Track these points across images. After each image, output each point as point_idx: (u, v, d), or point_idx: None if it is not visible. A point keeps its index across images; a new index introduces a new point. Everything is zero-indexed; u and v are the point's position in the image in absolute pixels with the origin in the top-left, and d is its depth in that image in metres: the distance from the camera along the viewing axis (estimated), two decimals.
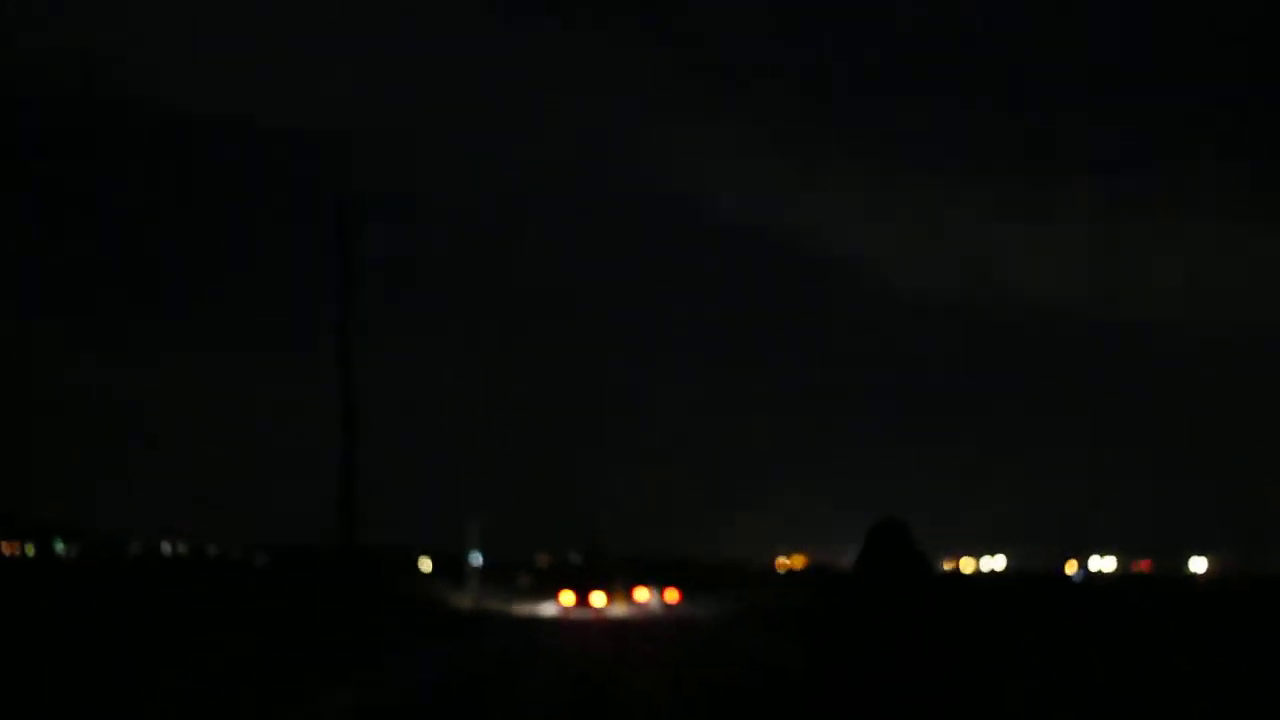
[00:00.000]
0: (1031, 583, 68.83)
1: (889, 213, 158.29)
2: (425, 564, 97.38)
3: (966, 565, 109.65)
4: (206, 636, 26.87)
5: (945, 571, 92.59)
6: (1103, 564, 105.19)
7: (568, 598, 65.09)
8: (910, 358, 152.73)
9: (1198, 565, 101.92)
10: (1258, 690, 15.99)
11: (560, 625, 44.35)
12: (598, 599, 64.65)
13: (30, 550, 75.99)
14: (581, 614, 56.34)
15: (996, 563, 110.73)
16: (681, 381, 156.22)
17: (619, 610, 60.95)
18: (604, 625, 44.16)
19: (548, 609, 60.06)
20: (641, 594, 70.87)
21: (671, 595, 70.74)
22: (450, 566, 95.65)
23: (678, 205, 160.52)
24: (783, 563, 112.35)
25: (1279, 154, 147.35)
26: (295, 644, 26.36)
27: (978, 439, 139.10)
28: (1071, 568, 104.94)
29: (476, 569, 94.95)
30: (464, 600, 61.28)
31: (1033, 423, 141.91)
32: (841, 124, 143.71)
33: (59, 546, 79.57)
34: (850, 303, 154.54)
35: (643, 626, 43.37)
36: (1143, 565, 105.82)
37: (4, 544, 74.49)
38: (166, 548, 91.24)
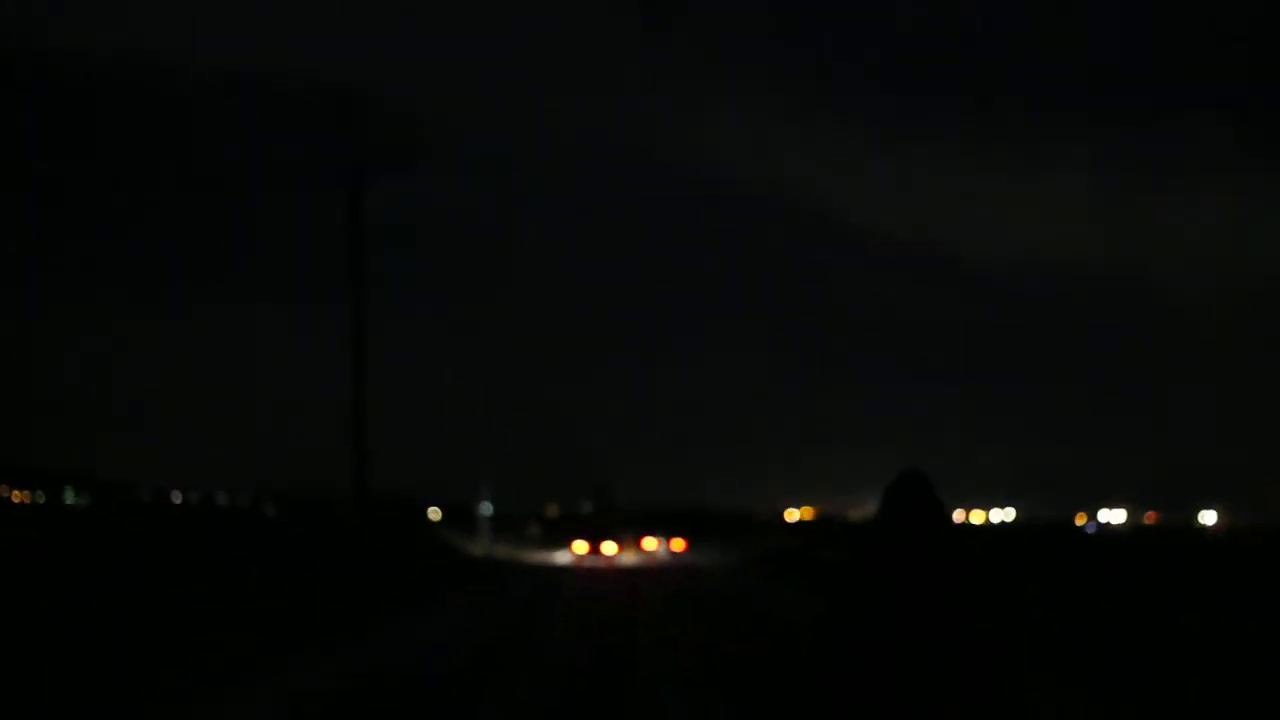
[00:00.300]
0: (1042, 534, 68.83)
1: (896, 181, 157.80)
2: (435, 514, 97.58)
3: (976, 517, 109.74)
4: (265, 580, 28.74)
5: (962, 524, 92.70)
6: (1112, 516, 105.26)
7: (580, 546, 66.74)
8: (923, 317, 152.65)
9: (1207, 518, 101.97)
10: (1264, 648, 15.91)
11: (576, 572, 45.86)
12: (608, 548, 66.29)
13: (41, 498, 76.25)
14: (594, 562, 57.49)
15: (1006, 514, 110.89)
16: (691, 334, 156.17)
17: (629, 558, 62.01)
18: (615, 572, 45.59)
19: (560, 557, 61.21)
20: (650, 543, 72.17)
21: (678, 544, 71.97)
22: (459, 517, 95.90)
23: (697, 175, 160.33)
24: (791, 514, 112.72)
25: None
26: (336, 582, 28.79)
27: (988, 393, 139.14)
28: (1081, 519, 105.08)
29: (487, 519, 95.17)
30: (477, 550, 62.52)
31: (1042, 376, 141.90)
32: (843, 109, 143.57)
33: (69, 496, 79.80)
34: (860, 265, 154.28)
35: (652, 573, 44.81)
36: (1150, 517, 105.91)
37: (15, 492, 74.74)
38: (177, 496, 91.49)
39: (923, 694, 5.10)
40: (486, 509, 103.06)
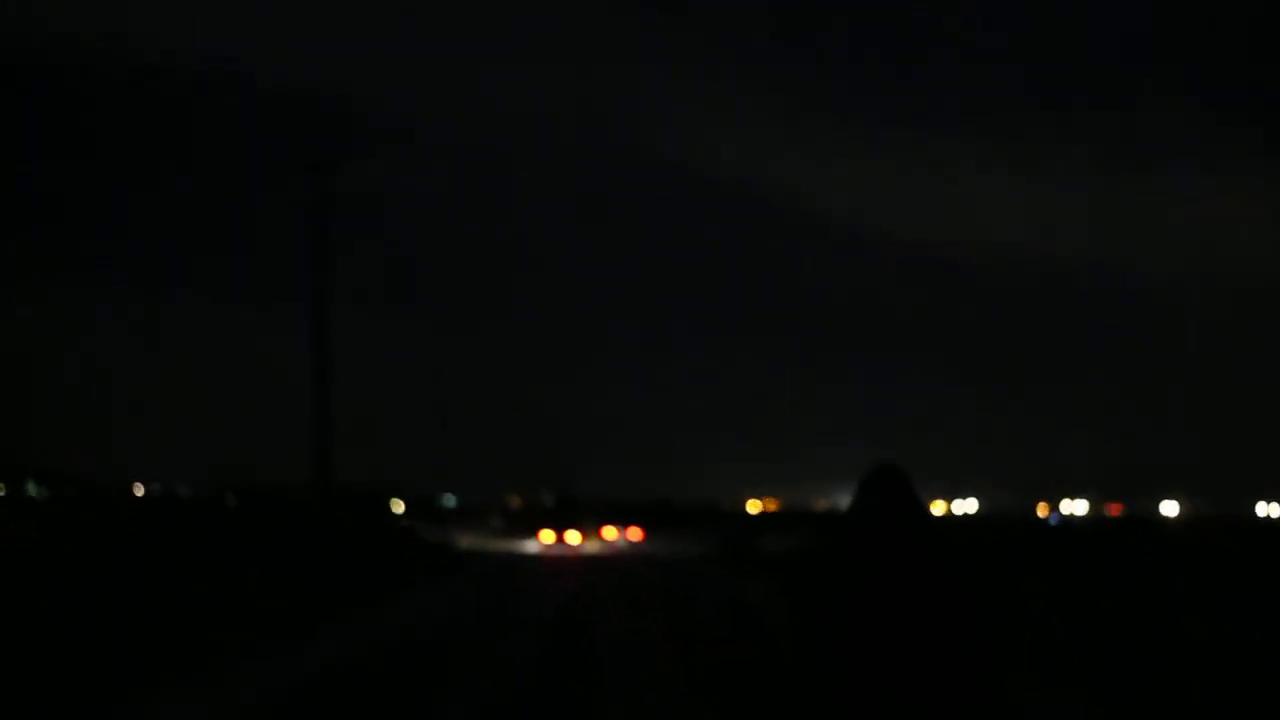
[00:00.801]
0: (1007, 526, 69.08)
1: (871, 166, 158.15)
2: (398, 505, 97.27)
3: (938, 508, 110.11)
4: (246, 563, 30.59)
5: (941, 518, 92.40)
6: (1074, 507, 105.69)
7: (547, 536, 68.71)
8: (884, 306, 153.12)
9: (1169, 508, 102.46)
10: (1236, 634, 15.90)
11: (542, 560, 48.95)
12: (573, 537, 68.81)
13: (1, 490, 75.64)
14: (559, 551, 60.31)
15: (968, 505, 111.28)
16: (655, 326, 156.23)
17: (591, 547, 64.74)
18: (580, 560, 49.31)
19: (526, 547, 63.05)
20: (610, 533, 74.69)
21: (634, 534, 74.93)
22: (422, 508, 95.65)
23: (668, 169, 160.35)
24: (755, 505, 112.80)
25: None
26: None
27: (951, 385, 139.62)
28: (1043, 510, 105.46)
29: (450, 510, 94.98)
30: (443, 539, 63.81)
31: (1005, 369, 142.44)
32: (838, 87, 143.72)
33: (31, 488, 79.18)
34: (821, 252, 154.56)
35: (612, 560, 49.31)
36: (1113, 509, 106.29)
37: None
38: (139, 489, 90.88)
39: (901, 693, 4.93)
40: (449, 501, 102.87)
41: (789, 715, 9.73)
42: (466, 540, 66.53)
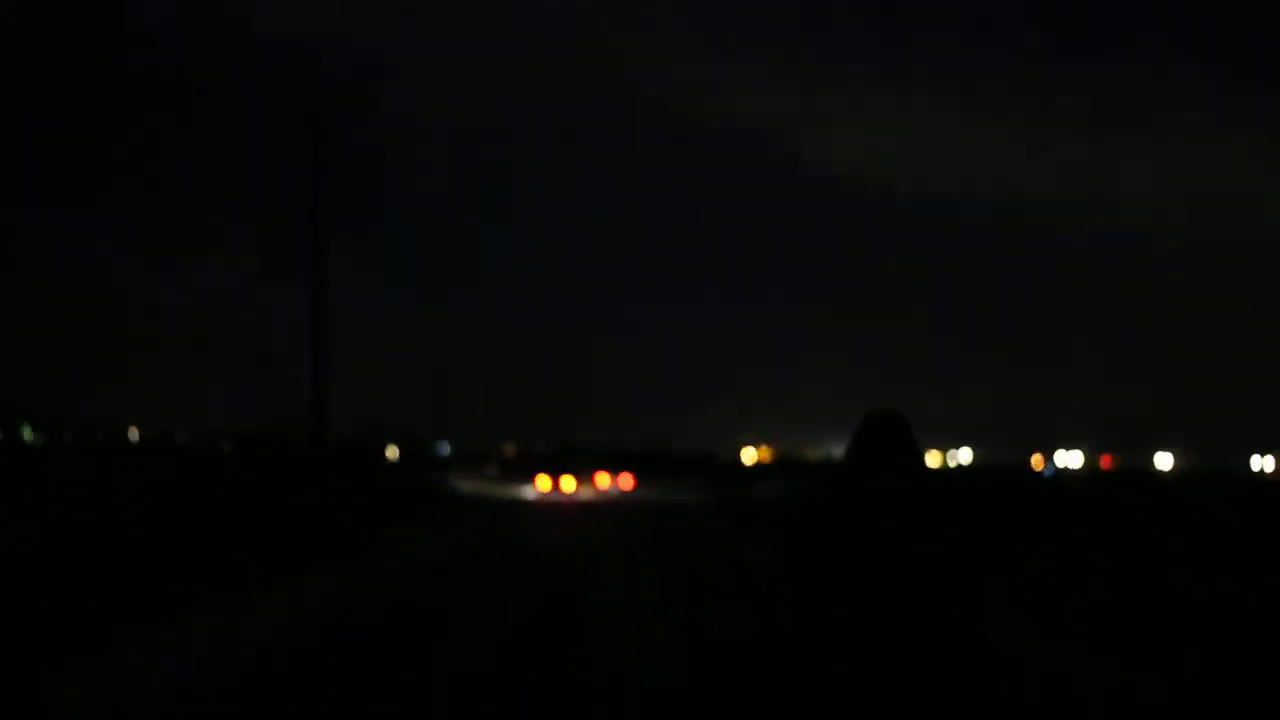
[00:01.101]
0: (1002, 478, 69.11)
1: (866, 113, 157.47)
2: (392, 452, 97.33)
3: (933, 459, 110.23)
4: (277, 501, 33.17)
5: (938, 469, 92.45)
6: (1069, 459, 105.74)
7: (544, 482, 70.35)
8: (883, 254, 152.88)
9: (1163, 461, 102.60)
10: (1228, 590, 15.88)
11: (539, 505, 51.20)
12: (568, 484, 70.43)
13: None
14: (555, 497, 62.38)
15: (963, 456, 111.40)
16: (649, 272, 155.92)
17: (586, 494, 66.80)
18: (575, 505, 51.96)
19: (521, 493, 64.69)
20: (603, 480, 76.20)
21: (626, 482, 76.50)
22: (416, 456, 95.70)
23: (650, 108, 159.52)
24: (749, 454, 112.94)
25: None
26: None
27: (946, 332, 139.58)
28: (1038, 462, 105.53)
29: (444, 459, 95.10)
30: (445, 485, 65.36)
31: (1002, 317, 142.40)
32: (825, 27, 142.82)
33: (26, 433, 79.09)
34: (815, 196, 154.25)
35: (606, 506, 51.97)
36: (1105, 461, 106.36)
37: None
38: (134, 434, 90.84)
39: (895, 644, 4.84)
40: (443, 449, 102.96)
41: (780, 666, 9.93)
42: (468, 485, 68.43)
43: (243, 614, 14.86)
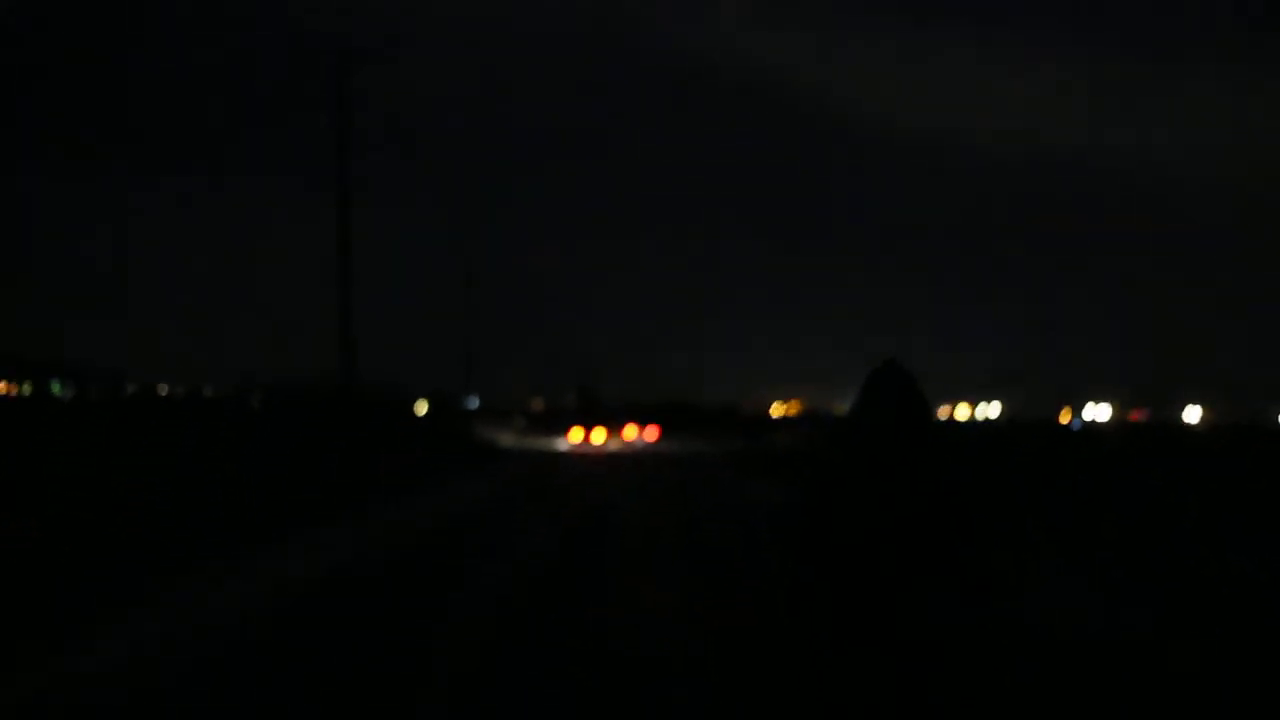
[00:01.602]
0: (1028, 432, 68.83)
1: (895, 57, 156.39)
2: (421, 407, 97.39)
3: (962, 410, 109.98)
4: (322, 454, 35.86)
5: (945, 422, 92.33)
6: (1097, 412, 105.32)
7: (576, 434, 74.06)
8: (913, 203, 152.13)
9: (1192, 415, 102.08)
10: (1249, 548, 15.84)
11: (569, 457, 54.93)
12: (598, 436, 74.03)
13: (28, 389, 75.72)
14: (584, 449, 65.56)
15: (992, 409, 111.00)
16: (681, 223, 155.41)
17: (612, 446, 70.02)
18: (603, 456, 55.71)
19: (549, 445, 67.91)
20: (630, 432, 78.97)
21: (651, 434, 79.31)
22: (444, 410, 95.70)
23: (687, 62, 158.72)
24: (778, 408, 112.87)
25: None
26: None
27: (977, 283, 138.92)
28: (1066, 416, 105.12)
29: (472, 412, 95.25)
30: (487, 438, 67.42)
31: (1032, 268, 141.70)
32: None
33: (56, 388, 79.31)
34: (847, 146, 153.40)
35: (632, 457, 55.50)
36: (1135, 415, 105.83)
37: (1, 384, 74.27)
38: (163, 388, 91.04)
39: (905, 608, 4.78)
40: (472, 403, 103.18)
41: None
42: (506, 439, 70.65)
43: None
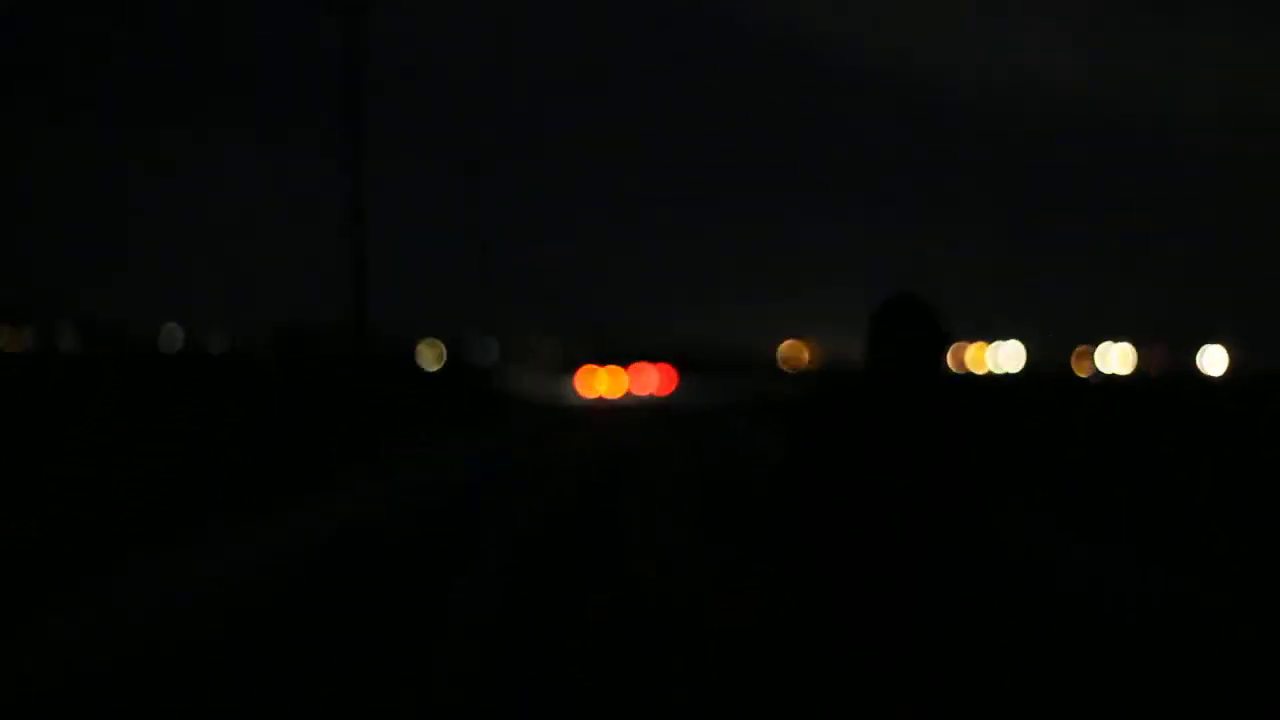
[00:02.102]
0: (1044, 387, 68.44)
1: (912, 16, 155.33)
2: (436, 350, 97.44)
3: (979, 353, 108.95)
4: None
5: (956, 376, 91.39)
6: (1116, 353, 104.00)
7: (590, 380, 76.43)
8: (930, 146, 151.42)
9: (1215, 358, 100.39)
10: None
11: (586, 402, 63.07)
12: (614, 381, 76.60)
13: (33, 340, 75.54)
14: (601, 394, 70.70)
15: (1010, 348, 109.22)
16: (696, 171, 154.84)
17: (632, 390, 74.48)
18: (620, 402, 63.87)
19: (568, 391, 72.39)
20: (648, 377, 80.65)
21: (669, 379, 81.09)
22: (460, 356, 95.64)
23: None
24: (796, 355, 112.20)
25: None
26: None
27: (997, 226, 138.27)
28: (1084, 369, 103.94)
29: (488, 357, 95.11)
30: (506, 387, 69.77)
31: (1051, 209, 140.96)
32: None
33: (67, 338, 79.08)
34: (865, 93, 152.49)
35: (650, 401, 63.68)
36: (1155, 358, 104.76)
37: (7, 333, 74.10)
38: (178, 333, 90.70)
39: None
40: (488, 346, 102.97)
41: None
42: (513, 384, 74.30)
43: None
